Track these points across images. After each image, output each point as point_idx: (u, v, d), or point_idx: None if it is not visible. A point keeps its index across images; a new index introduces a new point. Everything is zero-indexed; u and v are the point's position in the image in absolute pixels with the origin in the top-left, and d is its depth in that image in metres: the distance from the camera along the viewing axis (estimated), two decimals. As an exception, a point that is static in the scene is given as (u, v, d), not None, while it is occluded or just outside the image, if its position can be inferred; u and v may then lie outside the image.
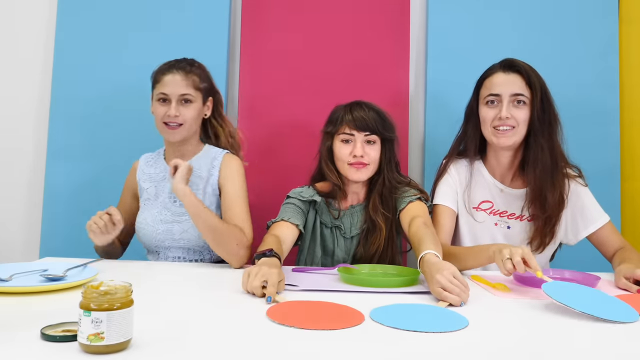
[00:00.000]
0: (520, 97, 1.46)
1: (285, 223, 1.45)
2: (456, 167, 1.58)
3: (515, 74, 1.47)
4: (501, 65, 1.50)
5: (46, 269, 1.17)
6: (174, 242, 1.49)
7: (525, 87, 1.46)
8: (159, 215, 1.50)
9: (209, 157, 1.55)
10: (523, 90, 1.46)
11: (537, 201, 1.48)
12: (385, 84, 1.99)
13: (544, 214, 1.48)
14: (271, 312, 0.94)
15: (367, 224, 1.53)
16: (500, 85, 1.47)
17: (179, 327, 0.85)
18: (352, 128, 1.48)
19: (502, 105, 1.46)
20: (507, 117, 1.45)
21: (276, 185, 1.56)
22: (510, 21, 1.98)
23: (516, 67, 1.47)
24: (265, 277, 1.07)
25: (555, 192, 1.47)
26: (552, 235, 1.50)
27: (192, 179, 1.48)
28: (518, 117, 1.45)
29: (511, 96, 1.46)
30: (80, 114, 1.98)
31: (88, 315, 0.71)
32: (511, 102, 1.46)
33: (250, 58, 2.01)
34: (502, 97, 1.46)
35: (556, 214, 1.48)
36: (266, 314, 0.93)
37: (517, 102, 1.46)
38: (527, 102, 1.46)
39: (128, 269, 1.34)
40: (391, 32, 2.02)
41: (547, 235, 1.49)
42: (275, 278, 1.06)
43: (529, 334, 0.90)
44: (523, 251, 1.18)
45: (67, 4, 2.01)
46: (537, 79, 1.46)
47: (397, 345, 0.81)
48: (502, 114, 1.45)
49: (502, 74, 1.49)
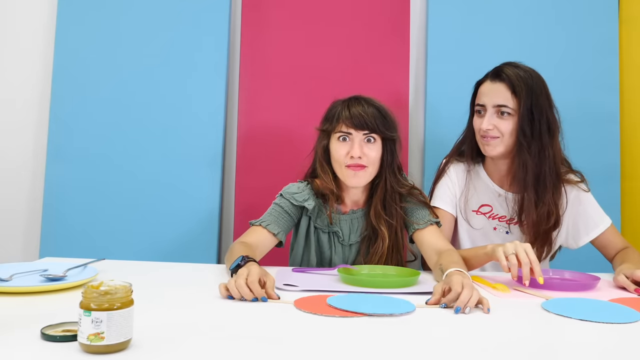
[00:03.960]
0: (504, 108, 1.41)
1: (263, 230, 1.38)
2: (456, 170, 1.56)
3: (501, 83, 1.42)
4: (491, 73, 1.46)
5: (46, 269, 1.17)
6: None
7: (511, 97, 1.40)
8: None
9: None
10: (507, 101, 1.40)
11: (521, 216, 1.46)
12: (385, 84, 1.99)
13: (531, 229, 1.45)
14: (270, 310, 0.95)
15: (368, 232, 1.44)
16: (486, 95, 1.44)
17: (178, 327, 0.85)
18: (349, 126, 1.37)
19: (486, 115, 1.43)
20: (488, 129, 1.42)
21: (275, 184, 1.55)
22: (510, 22, 1.99)
23: (502, 77, 1.42)
24: (260, 275, 1.06)
25: (541, 209, 1.42)
26: (550, 248, 1.48)
27: None
28: (502, 128, 1.41)
29: (494, 107, 1.42)
30: (80, 115, 1.98)
31: (88, 315, 0.71)
32: (495, 112, 1.42)
33: (250, 58, 2.01)
34: (486, 107, 1.43)
35: (545, 230, 1.44)
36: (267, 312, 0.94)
37: (501, 113, 1.41)
38: (512, 112, 1.41)
39: (128, 269, 1.34)
40: (391, 32, 2.02)
41: (539, 248, 1.46)
42: (272, 277, 1.07)
43: (519, 332, 0.90)
44: (527, 252, 1.18)
45: (67, 5, 2.01)
46: (525, 88, 1.39)
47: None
48: (482, 125, 1.43)
49: (489, 83, 1.45)
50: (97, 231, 1.95)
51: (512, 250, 1.20)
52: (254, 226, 1.41)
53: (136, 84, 1.98)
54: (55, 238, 1.95)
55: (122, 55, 1.99)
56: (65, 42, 2.01)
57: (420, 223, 1.41)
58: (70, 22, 2.01)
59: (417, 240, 1.42)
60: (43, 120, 2.05)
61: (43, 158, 2.02)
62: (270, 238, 1.38)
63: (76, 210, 1.94)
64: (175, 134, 1.98)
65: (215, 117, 1.99)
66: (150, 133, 1.98)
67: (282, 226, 1.41)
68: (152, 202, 1.96)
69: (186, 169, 1.97)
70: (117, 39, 1.99)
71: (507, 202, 1.51)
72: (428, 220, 1.42)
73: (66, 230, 1.94)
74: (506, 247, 1.21)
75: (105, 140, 1.97)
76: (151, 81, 1.99)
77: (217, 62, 1.99)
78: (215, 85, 1.99)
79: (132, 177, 1.97)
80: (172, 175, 1.97)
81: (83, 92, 1.98)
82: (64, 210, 1.95)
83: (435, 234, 1.40)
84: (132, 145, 1.98)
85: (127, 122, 1.98)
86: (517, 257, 1.19)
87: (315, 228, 1.47)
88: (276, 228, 1.39)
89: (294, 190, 1.45)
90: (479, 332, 0.90)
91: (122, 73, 1.99)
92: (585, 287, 1.25)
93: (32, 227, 2.04)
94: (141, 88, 1.99)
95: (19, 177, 2.04)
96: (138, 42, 1.99)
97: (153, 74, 1.99)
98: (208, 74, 1.99)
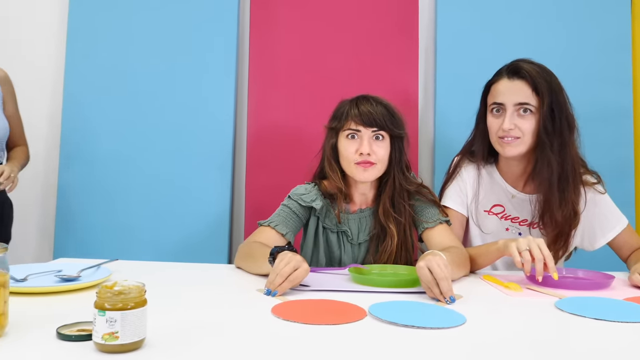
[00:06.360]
0: (526, 106, 1.36)
1: (271, 230, 1.39)
2: (467, 171, 1.53)
3: (521, 80, 1.37)
4: (507, 71, 1.41)
5: (60, 270, 1.18)
6: None
7: (532, 95, 1.36)
8: None
9: None
10: (528, 98, 1.36)
11: (545, 217, 1.42)
12: (394, 84, 1.98)
13: (553, 231, 1.42)
14: (276, 310, 0.96)
15: (377, 230, 1.44)
16: (504, 94, 1.38)
17: (190, 326, 0.86)
18: (358, 123, 1.37)
19: (505, 114, 1.38)
20: (510, 129, 1.37)
21: (285, 184, 1.56)
22: (520, 19, 1.98)
23: (521, 73, 1.37)
24: (296, 267, 1.08)
25: (565, 208, 1.39)
26: (566, 249, 1.45)
27: None
28: (523, 128, 1.37)
29: (515, 105, 1.37)
30: (92, 116, 2.00)
31: (102, 315, 0.72)
32: (515, 111, 1.37)
33: (259, 58, 2.02)
34: (505, 106, 1.38)
35: (567, 230, 1.41)
36: (271, 312, 0.95)
37: (523, 111, 1.37)
38: (534, 110, 1.36)
39: (141, 269, 1.35)
40: (400, 31, 2.01)
41: (559, 249, 1.43)
42: (301, 275, 1.08)
43: (533, 333, 0.89)
44: (541, 247, 1.17)
45: (77, 7, 2.03)
46: (546, 85, 1.35)
47: (395, 340, 0.81)
48: (504, 125, 1.37)
49: (506, 80, 1.39)
50: (110, 232, 1.97)
51: (525, 246, 1.19)
52: (263, 226, 1.42)
53: (146, 85, 2.00)
54: (68, 239, 1.97)
55: (132, 57, 2.01)
56: (76, 44, 2.03)
57: (430, 222, 1.41)
58: (81, 24, 2.03)
59: (426, 239, 1.42)
60: (56, 122, 2.07)
61: (56, 160, 2.04)
62: (279, 238, 1.39)
63: (89, 211, 1.97)
64: (185, 135, 1.99)
65: (225, 118, 2.00)
66: (161, 135, 2.00)
67: (290, 227, 1.42)
68: (163, 203, 1.98)
69: (197, 170, 1.98)
70: (127, 41, 2.02)
71: (521, 204, 1.49)
72: (438, 219, 1.41)
73: (79, 231, 1.96)
74: (519, 243, 1.20)
75: (116, 142, 1.99)
76: (161, 83, 2.00)
77: (226, 63, 2.00)
78: (224, 86, 2.00)
79: (143, 178, 1.98)
80: (183, 176, 1.98)
81: (94, 93, 2.00)
82: (77, 212, 1.97)
83: (444, 232, 1.40)
84: (144, 147, 2.00)
85: (138, 123, 2.00)
86: (531, 252, 1.18)
87: (323, 228, 1.47)
88: (284, 229, 1.40)
89: (302, 191, 1.46)
90: (489, 329, 0.89)
91: (133, 75, 2.01)
92: (600, 286, 1.24)
93: (46, 228, 2.07)
94: (151, 90, 2.01)
95: (33, 178, 2.06)
96: (148, 44, 2.01)
97: (163, 76, 2.00)
98: (217, 75, 2.00)
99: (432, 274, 1.06)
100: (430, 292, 1.07)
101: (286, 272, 1.07)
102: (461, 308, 1.01)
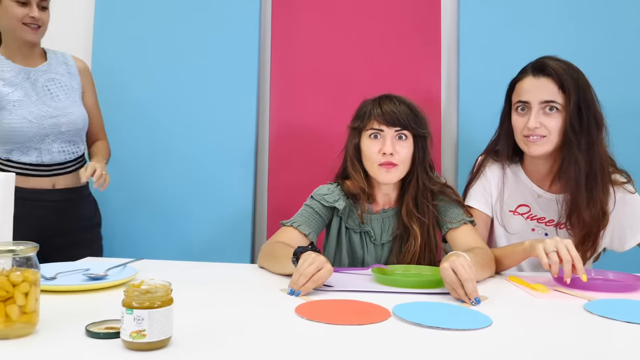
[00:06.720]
0: (552, 104, 1.34)
1: (294, 230, 1.39)
2: (491, 170, 1.51)
3: (547, 78, 1.35)
4: (532, 68, 1.38)
5: (88, 269, 1.21)
6: (59, 135, 1.61)
7: (558, 93, 1.33)
8: (39, 111, 1.58)
9: (58, 57, 1.69)
10: (554, 96, 1.34)
11: (572, 217, 1.39)
12: (416, 83, 1.97)
13: (581, 231, 1.39)
14: (300, 310, 0.96)
15: (400, 231, 1.43)
16: (529, 92, 1.36)
17: (215, 325, 0.86)
18: (381, 123, 1.37)
19: (531, 113, 1.36)
20: (535, 127, 1.34)
21: (307, 183, 1.56)
22: (545, 15, 1.94)
23: (547, 71, 1.35)
24: (320, 267, 1.08)
25: (594, 208, 1.36)
26: (594, 250, 1.42)
27: (55, 76, 1.65)
28: (549, 126, 1.35)
29: (541, 103, 1.35)
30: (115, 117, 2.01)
31: (130, 313, 0.73)
32: (541, 109, 1.35)
33: (281, 57, 2.02)
34: (531, 104, 1.36)
35: (596, 231, 1.38)
36: (295, 311, 0.95)
37: (549, 109, 1.35)
38: (560, 108, 1.34)
39: (166, 268, 1.36)
40: (422, 29, 2.00)
41: (587, 250, 1.40)
42: (325, 275, 1.08)
43: (561, 336, 0.88)
44: (569, 248, 1.15)
45: (103, 11, 2.07)
46: (572, 82, 1.33)
47: (420, 342, 0.81)
48: (529, 123, 1.35)
49: (531, 78, 1.37)
50: (134, 231, 2.00)
51: (552, 247, 1.17)
52: (285, 226, 1.42)
53: (169, 86, 2.03)
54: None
55: (155, 58, 2.04)
56: (101, 47, 2.06)
57: (454, 222, 1.40)
58: (106, 27, 2.07)
59: (450, 240, 1.40)
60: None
61: (83, 161, 2.07)
62: (302, 238, 1.39)
63: (113, 211, 2.00)
64: (208, 136, 2.01)
65: (247, 117, 2.01)
66: (184, 135, 2.02)
67: (313, 227, 1.42)
68: (186, 203, 2.00)
69: (220, 170, 2.00)
70: (150, 43, 2.04)
71: (548, 203, 1.46)
72: (462, 219, 1.40)
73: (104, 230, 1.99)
74: (546, 244, 1.18)
75: (139, 142, 2.02)
76: (184, 83, 2.03)
77: (248, 63, 2.02)
78: (246, 86, 2.02)
79: (167, 179, 2.01)
80: (207, 176, 2.00)
81: (116, 93, 2.03)
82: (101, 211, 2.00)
83: (468, 233, 1.38)
84: (167, 147, 2.02)
85: (161, 124, 2.02)
86: (558, 253, 1.16)
87: (346, 228, 1.47)
88: (307, 229, 1.40)
89: (324, 191, 1.46)
90: (516, 332, 0.88)
91: (155, 76, 2.03)
92: (630, 288, 1.20)
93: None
94: (174, 90, 2.03)
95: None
96: (170, 46, 2.04)
97: (185, 77, 2.03)
98: (240, 75, 2.02)
99: (456, 275, 1.05)
100: (454, 294, 1.06)
101: (310, 273, 1.07)
102: (487, 309, 1.00)
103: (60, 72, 1.67)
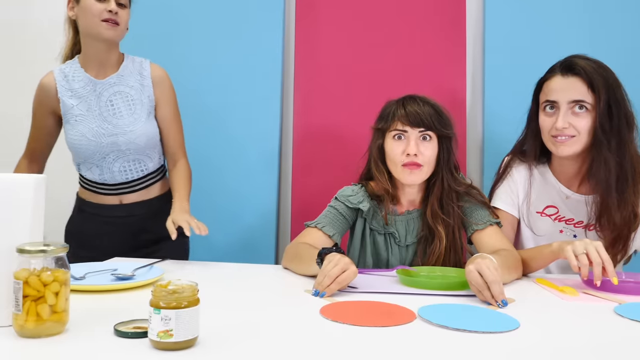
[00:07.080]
0: (581, 103, 1.31)
1: (318, 231, 1.39)
2: (518, 171, 1.49)
3: (575, 77, 1.32)
4: (560, 67, 1.36)
5: (116, 269, 1.23)
6: (120, 154, 1.54)
7: (587, 92, 1.31)
8: (99, 128, 1.53)
9: (135, 65, 1.60)
10: (584, 95, 1.31)
11: (602, 219, 1.36)
12: (441, 83, 1.95)
13: (611, 233, 1.35)
14: (324, 311, 0.96)
15: (425, 232, 1.42)
16: (557, 91, 1.34)
17: (240, 326, 0.87)
18: (405, 124, 1.36)
19: (559, 113, 1.33)
20: (564, 127, 1.32)
21: (331, 185, 1.56)
22: (573, 12, 1.90)
23: (576, 70, 1.32)
24: (344, 269, 1.08)
25: (625, 209, 1.32)
26: (625, 252, 1.38)
27: (123, 89, 1.55)
28: (578, 126, 1.32)
29: (569, 103, 1.32)
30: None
31: (158, 313, 0.74)
32: (570, 109, 1.32)
33: (305, 58, 2.03)
34: (559, 104, 1.33)
35: (626, 233, 1.35)
36: (320, 312, 0.95)
37: (578, 109, 1.32)
38: (590, 107, 1.31)
39: (192, 269, 1.38)
40: (447, 29, 1.98)
41: (618, 253, 1.37)
42: (350, 277, 1.08)
43: (591, 339, 0.86)
44: (599, 250, 1.12)
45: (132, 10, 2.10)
46: (602, 81, 1.30)
47: (446, 344, 0.80)
48: (558, 123, 1.32)
49: (560, 77, 1.34)
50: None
51: (582, 249, 1.14)
52: (310, 228, 1.42)
53: (193, 88, 2.04)
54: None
55: (178, 61, 2.04)
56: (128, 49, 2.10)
57: (480, 224, 1.38)
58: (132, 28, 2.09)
59: (475, 242, 1.39)
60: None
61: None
62: (326, 240, 1.39)
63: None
64: (231, 137, 2.03)
65: (271, 119, 2.02)
66: (208, 137, 2.04)
67: (337, 228, 1.42)
68: (211, 204, 2.01)
69: (244, 172, 2.02)
70: (173, 45, 2.06)
71: (576, 205, 1.43)
72: (487, 220, 1.38)
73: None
74: (575, 246, 1.16)
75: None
76: (207, 86, 2.05)
77: (272, 64, 2.03)
78: (271, 88, 2.03)
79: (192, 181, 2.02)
80: (231, 178, 2.02)
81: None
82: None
83: (495, 234, 1.37)
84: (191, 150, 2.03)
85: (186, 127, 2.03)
86: (588, 256, 1.13)
87: (370, 230, 1.46)
88: (331, 230, 1.40)
89: (349, 193, 1.46)
90: (544, 335, 0.86)
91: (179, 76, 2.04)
92: (663, 291, 1.17)
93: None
94: (198, 92, 2.05)
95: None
96: (193, 48, 2.05)
97: (209, 79, 2.05)
98: (263, 76, 2.03)
99: (482, 277, 1.03)
100: (481, 296, 1.05)
101: (334, 274, 1.07)
102: (514, 312, 0.98)
103: (130, 83, 1.56)
